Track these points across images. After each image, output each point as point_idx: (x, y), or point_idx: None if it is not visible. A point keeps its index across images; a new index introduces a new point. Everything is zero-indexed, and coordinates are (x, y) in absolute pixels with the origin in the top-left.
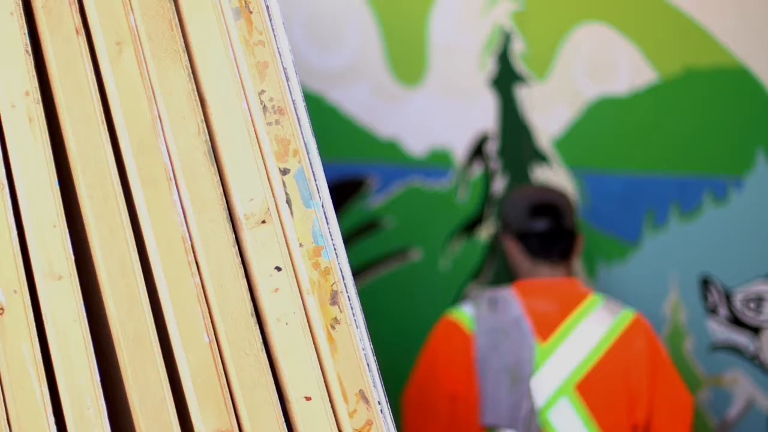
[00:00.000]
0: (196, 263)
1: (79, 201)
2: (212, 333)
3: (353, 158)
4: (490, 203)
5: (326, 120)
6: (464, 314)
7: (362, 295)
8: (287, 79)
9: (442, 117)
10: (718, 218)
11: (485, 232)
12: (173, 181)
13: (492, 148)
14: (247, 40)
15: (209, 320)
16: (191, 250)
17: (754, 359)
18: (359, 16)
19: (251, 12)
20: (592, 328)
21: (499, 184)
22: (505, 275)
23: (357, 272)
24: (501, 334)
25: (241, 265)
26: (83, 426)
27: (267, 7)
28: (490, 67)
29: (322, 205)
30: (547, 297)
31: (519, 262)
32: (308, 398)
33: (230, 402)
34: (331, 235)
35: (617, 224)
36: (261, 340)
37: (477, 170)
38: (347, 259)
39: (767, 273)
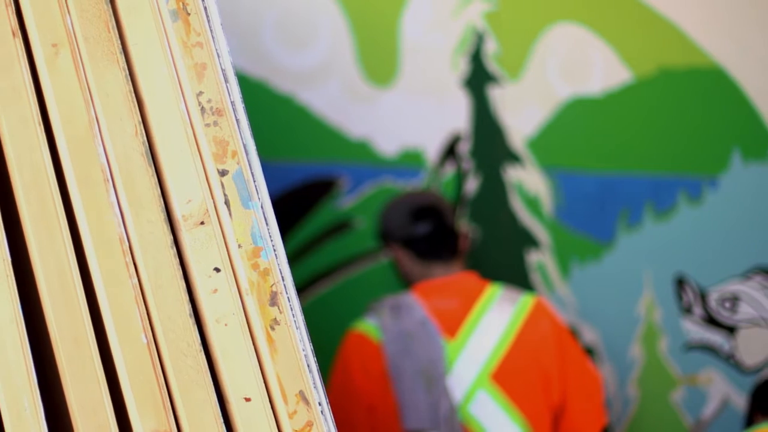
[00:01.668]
0: (134, 264)
1: (16, 202)
2: (150, 334)
3: (324, 158)
4: (462, 204)
5: (297, 120)
6: (369, 325)
7: (333, 295)
8: (226, 81)
9: (413, 117)
10: (693, 218)
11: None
12: (111, 183)
13: (464, 148)
14: (185, 41)
15: (147, 321)
16: (129, 251)
17: (729, 359)
18: (331, 16)
19: (189, 14)
20: (496, 318)
21: (471, 185)
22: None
23: (328, 273)
24: (409, 339)
25: (180, 266)
26: (21, 427)
27: (205, 8)
28: (462, 67)
29: (262, 206)
30: (447, 295)
31: (410, 269)
32: (248, 399)
33: (168, 402)
34: (270, 236)
35: (591, 224)
36: (200, 341)
37: (449, 171)
38: (287, 260)
39: (742, 273)
